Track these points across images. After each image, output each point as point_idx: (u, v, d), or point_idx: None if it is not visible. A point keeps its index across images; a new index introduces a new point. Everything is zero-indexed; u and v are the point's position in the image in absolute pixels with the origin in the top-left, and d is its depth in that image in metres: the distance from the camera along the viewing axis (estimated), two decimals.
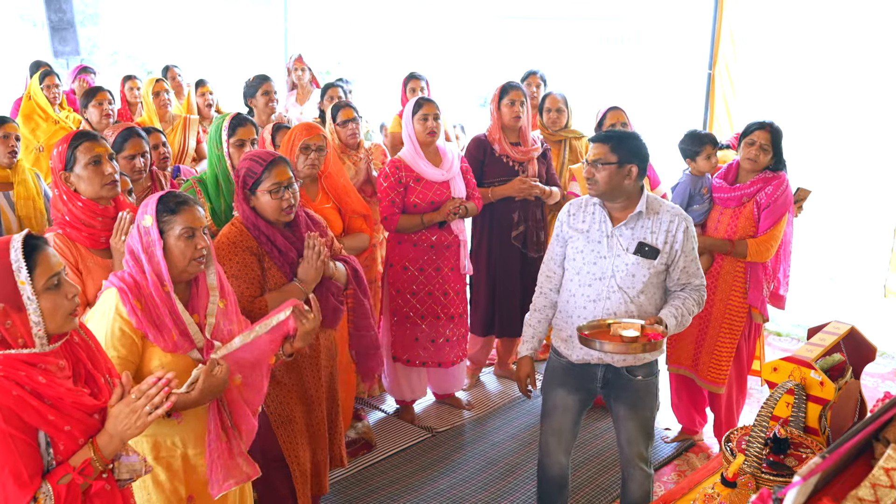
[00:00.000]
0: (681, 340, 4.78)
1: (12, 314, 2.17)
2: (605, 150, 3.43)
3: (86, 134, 3.40)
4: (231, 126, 4.14)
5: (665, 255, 3.47)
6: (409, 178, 4.86)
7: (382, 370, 5.21)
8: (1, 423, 2.11)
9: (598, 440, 5.05)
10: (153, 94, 6.48)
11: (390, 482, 4.62)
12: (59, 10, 11.61)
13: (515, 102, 5.25)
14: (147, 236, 2.78)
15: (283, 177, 3.44)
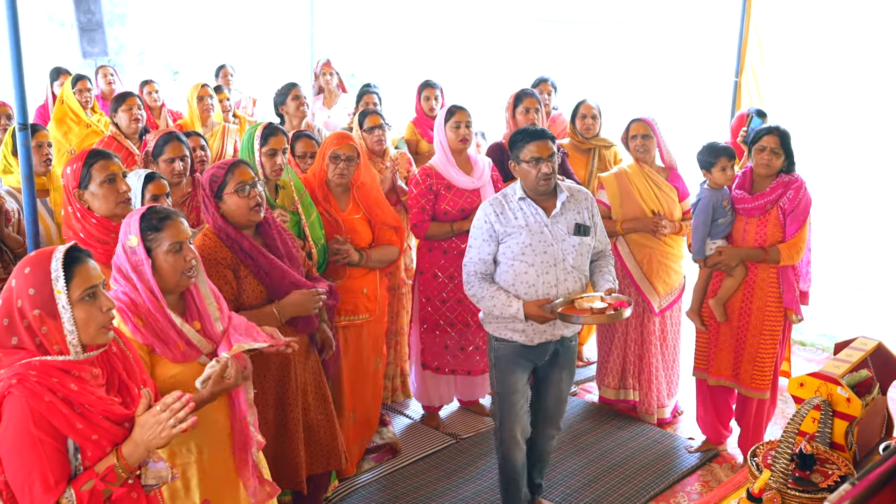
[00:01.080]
0: (719, 352, 4.80)
1: (48, 321, 2.26)
2: (551, 143, 3.86)
3: (100, 153, 3.44)
4: (263, 136, 4.18)
5: (592, 229, 3.95)
6: (440, 186, 4.89)
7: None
8: (32, 427, 2.19)
9: (622, 449, 5.06)
10: (197, 98, 6.54)
11: (415, 488, 4.65)
12: (88, 11, 11.72)
13: (530, 110, 5.30)
14: (134, 256, 2.81)
15: (245, 176, 3.49)
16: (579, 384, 5.95)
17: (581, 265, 3.91)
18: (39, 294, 2.26)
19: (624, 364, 5.31)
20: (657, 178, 5.07)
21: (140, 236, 2.80)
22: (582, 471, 4.82)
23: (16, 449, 2.21)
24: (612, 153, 5.80)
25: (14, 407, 2.20)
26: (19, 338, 2.27)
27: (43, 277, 2.27)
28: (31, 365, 2.24)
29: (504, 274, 3.90)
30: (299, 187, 4.35)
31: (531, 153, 3.83)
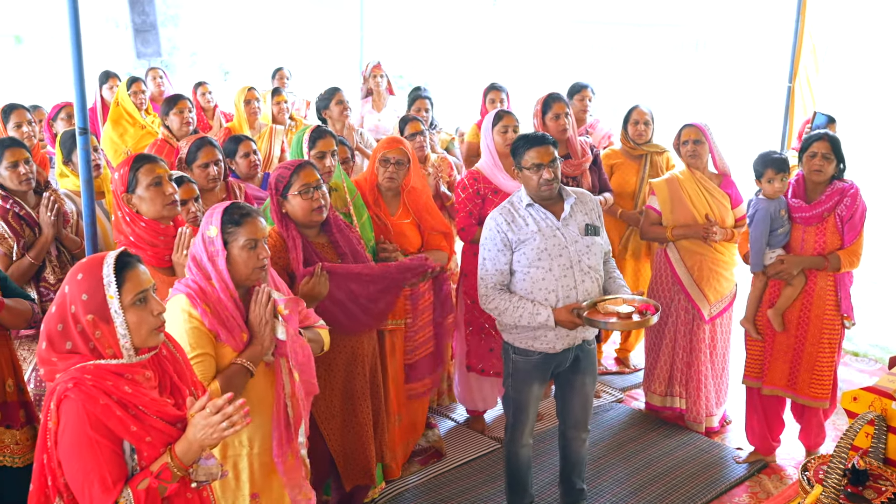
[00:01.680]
0: (774, 361, 4.76)
1: (101, 325, 2.31)
2: (551, 149, 3.86)
3: (146, 157, 3.54)
4: (311, 139, 4.24)
5: (601, 228, 3.99)
6: (487, 190, 4.89)
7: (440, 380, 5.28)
8: (89, 430, 2.24)
9: (668, 457, 5.02)
10: (244, 102, 6.62)
11: (460, 492, 4.66)
12: (143, 12, 11.90)
13: (560, 116, 5.23)
14: (212, 246, 2.94)
15: (310, 178, 3.62)
16: (625, 391, 5.92)
17: (596, 265, 3.94)
18: (92, 299, 2.31)
19: (671, 371, 5.27)
20: (709, 184, 5.02)
21: (220, 228, 2.94)
22: (627, 479, 4.79)
23: (74, 451, 2.26)
24: (664, 159, 5.77)
25: (71, 410, 2.26)
26: (73, 342, 2.33)
27: (95, 283, 2.32)
28: (86, 369, 2.29)
29: (521, 282, 3.90)
30: (352, 189, 4.39)
31: (532, 160, 3.85)
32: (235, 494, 3.06)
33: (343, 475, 3.91)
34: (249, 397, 2.92)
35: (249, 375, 2.95)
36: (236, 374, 2.91)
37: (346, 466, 3.91)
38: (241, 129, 6.53)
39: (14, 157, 4.01)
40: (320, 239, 3.78)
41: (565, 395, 4.17)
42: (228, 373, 2.90)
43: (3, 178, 4.03)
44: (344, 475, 3.91)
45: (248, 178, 4.93)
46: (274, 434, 3.02)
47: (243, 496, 3.06)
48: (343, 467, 3.90)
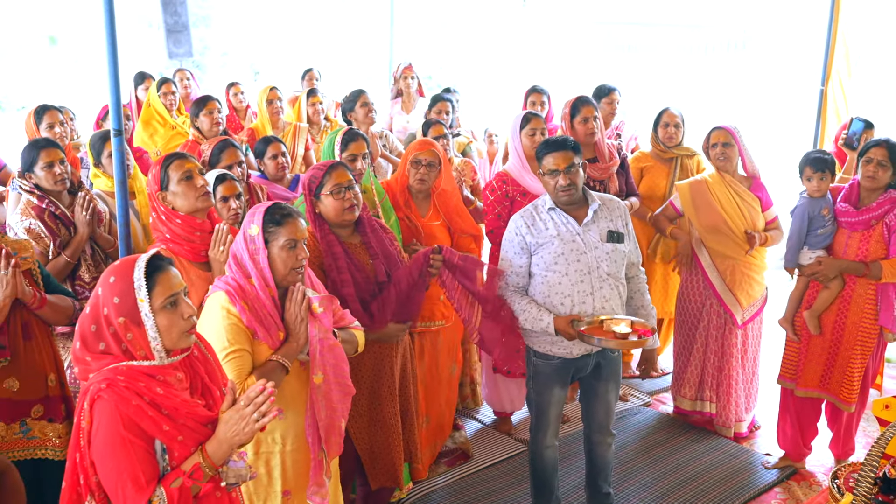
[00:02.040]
0: (808, 363, 4.74)
1: (132, 328, 2.35)
2: (571, 154, 3.84)
3: (175, 154, 3.61)
4: (343, 141, 4.27)
5: (626, 237, 3.93)
6: (516, 192, 4.89)
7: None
8: (122, 430, 2.28)
9: (696, 462, 4.99)
10: (266, 102, 6.66)
11: (486, 494, 4.67)
12: (175, 12, 12.01)
13: (589, 119, 5.20)
14: (252, 244, 3.00)
15: (342, 178, 3.66)
16: (654, 395, 5.89)
17: (616, 272, 3.90)
18: (123, 303, 2.35)
19: (702, 375, 5.23)
20: (739, 187, 4.99)
21: (261, 227, 3.00)
22: (654, 483, 4.77)
23: (108, 451, 2.29)
24: (694, 162, 5.73)
25: (104, 411, 2.29)
26: (106, 343, 2.37)
27: (126, 286, 2.36)
28: (118, 370, 2.33)
29: (538, 286, 3.91)
30: (380, 192, 4.42)
31: (549, 165, 3.86)
32: (268, 491, 3.11)
33: (370, 475, 3.93)
34: (283, 395, 3.01)
35: (285, 372, 3.00)
36: (272, 370, 2.96)
37: (373, 466, 3.93)
38: (263, 129, 6.58)
39: (49, 157, 4.07)
40: (353, 239, 3.81)
41: (589, 401, 4.17)
42: (265, 369, 2.95)
43: (38, 179, 4.09)
44: (371, 475, 3.93)
45: (276, 179, 4.97)
46: (308, 431, 3.06)
47: (275, 493, 3.11)
48: (370, 467, 3.93)
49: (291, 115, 6.84)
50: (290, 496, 3.14)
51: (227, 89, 7.82)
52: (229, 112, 7.67)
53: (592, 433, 4.20)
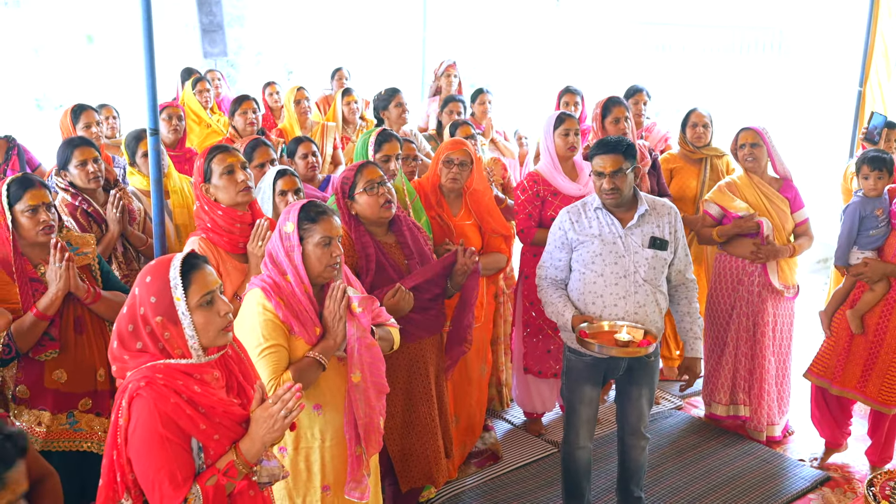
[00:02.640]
0: (848, 363, 4.70)
1: (170, 327, 2.38)
2: (620, 158, 3.78)
3: (220, 147, 3.67)
4: (377, 142, 4.28)
5: (671, 244, 3.87)
6: (547, 192, 4.88)
7: None
8: (160, 428, 2.30)
9: (728, 467, 4.94)
10: (294, 102, 6.70)
11: (516, 495, 4.65)
12: (210, 12, 12.10)
13: (620, 120, 5.19)
14: (288, 241, 3.04)
15: (374, 175, 3.69)
16: (685, 398, 5.84)
17: (654, 279, 3.87)
18: (160, 302, 2.38)
19: (734, 379, 5.19)
20: (768, 189, 4.94)
21: (297, 224, 3.03)
22: (686, 488, 4.74)
23: (146, 448, 2.31)
24: (724, 163, 5.69)
25: (143, 409, 2.31)
26: (143, 343, 2.40)
27: (163, 285, 2.39)
28: (157, 368, 2.36)
29: (576, 282, 3.94)
30: (411, 192, 4.43)
31: (596, 166, 3.85)
32: (307, 486, 3.15)
33: (400, 476, 3.93)
34: (321, 391, 3.07)
35: (322, 369, 3.03)
36: (309, 366, 2.99)
37: (404, 467, 3.94)
38: (292, 129, 6.61)
39: (83, 155, 4.14)
40: (388, 238, 3.83)
41: (622, 404, 4.16)
42: (301, 365, 2.98)
43: (72, 176, 4.16)
44: (401, 476, 3.93)
45: (306, 179, 4.98)
46: (346, 428, 3.10)
47: (315, 488, 3.15)
48: (400, 468, 3.93)
49: (319, 114, 6.86)
50: (330, 491, 3.18)
51: (263, 89, 7.87)
52: (265, 111, 7.72)
53: (626, 436, 4.18)
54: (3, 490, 1.87)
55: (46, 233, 3.40)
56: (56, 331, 3.42)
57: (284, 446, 3.11)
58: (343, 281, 3.15)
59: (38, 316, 3.32)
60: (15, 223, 3.38)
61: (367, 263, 3.66)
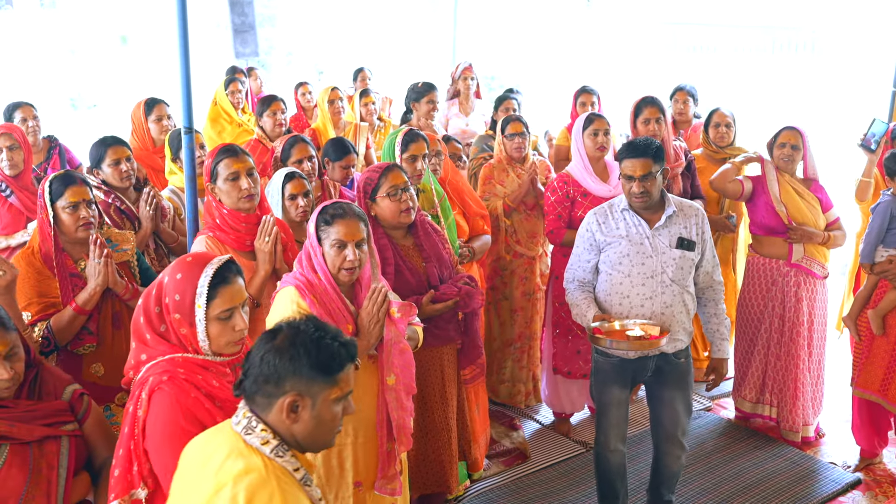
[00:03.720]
0: (870, 365, 4.66)
1: (185, 325, 2.47)
2: (650, 162, 3.77)
3: (227, 150, 3.68)
4: (404, 142, 4.30)
5: (698, 245, 3.87)
6: (577, 193, 4.88)
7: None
8: (182, 421, 2.37)
9: (758, 469, 4.91)
10: (328, 101, 6.74)
11: (544, 495, 4.66)
12: (242, 13, 12.22)
13: (650, 121, 5.16)
14: (311, 240, 3.10)
15: (398, 180, 3.70)
16: (714, 399, 5.82)
17: (681, 280, 3.86)
18: (182, 302, 2.47)
19: (764, 379, 5.15)
20: (799, 186, 4.93)
21: (315, 225, 3.09)
22: (714, 489, 4.71)
23: (166, 440, 2.37)
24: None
25: (163, 402, 2.38)
26: (167, 327, 2.51)
27: (189, 288, 2.48)
28: (176, 362, 2.44)
29: (603, 283, 3.94)
30: (439, 192, 4.45)
31: (625, 169, 3.84)
32: (339, 483, 3.19)
33: (413, 481, 3.92)
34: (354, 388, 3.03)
35: (355, 368, 3.03)
36: None
37: (418, 473, 3.95)
38: (325, 129, 6.65)
39: (116, 154, 4.23)
40: (406, 241, 3.85)
41: (654, 407, 4.13)
42: None
43: (105, 175, 4.24)
44: (414, 481, 3.93)
45: (338, 180, 5.02)
46: (379, 426, 3.16)
47: (347, 484, 3.19)
48: (414, 473, 3.93)
49: (353, 114, 6.91)
50: (362, 488, 3.22)
51: (295, 89, 7.94)
52: (297, 111, 7.78)
53: (661, 442, 4.13)
54: (333, 387, 2.08)
55: (86, 229, 3.47)
56: (94, 325, 3.48)
57: None
58: (385, 284, 3.20)
59: (77, 310, 3.38)
60: (56, 219, 3.45)
61: (385, 266, 3.66)
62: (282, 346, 2.03)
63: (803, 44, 15.43)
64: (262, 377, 2.04)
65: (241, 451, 2.02)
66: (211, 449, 2.08)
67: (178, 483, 2.16)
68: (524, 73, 13.66)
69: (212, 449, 2.08)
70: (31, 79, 10.55)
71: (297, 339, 2.04)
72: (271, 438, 2.05)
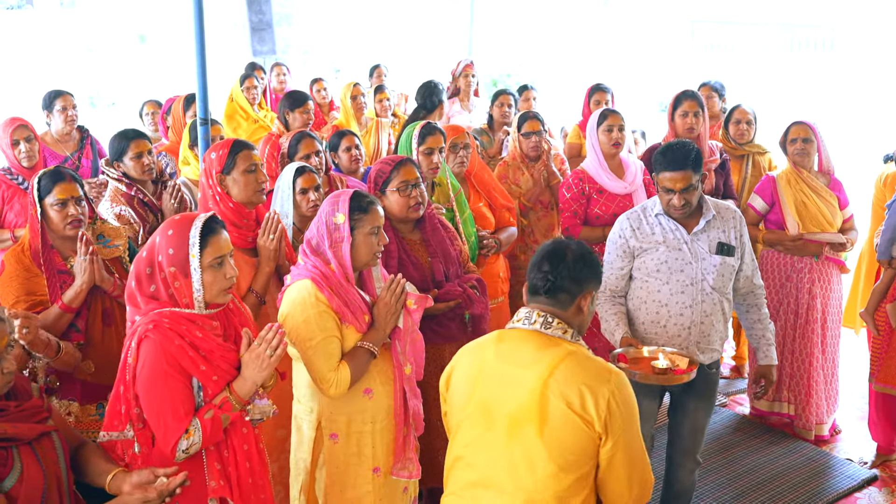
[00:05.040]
0: (890, 359, 4.64)
1: (180, 278, 2.64)
2: (690, 174, 3.61)
3: (244, 143, 3.66)
4: (421, 135, 4.31)
5: (738, 250, 3.73)
6: (592, 190, 4.87)
7: None
8: (165, 366, 2.58)
9: (773, 465, 4.89)
10: (350, 97, 6.77)
11: None
12: (259, 11, 12.29)
13: (688, 114, 5.11)
14: (337, 232, 3.09)
15: (410, 175, 3.70)
16: (730, 395, 5.80)
17: (722, 287, 3.70)
18: (176, 255, 2.63)
19: (780, 376, 5.14)
20: (816, 183, 4.91)
21: (348, 215, 3.09)
22: (729, 484, 4.71)
23: (152, 384, 2.57)
24: (766, 159, 5.64)
25: (150, 349, 2.56)
26: (157, 287, 2.65)
27: (181, 241, 2.63)
28: (163, 314, 2.60)
29: (637, 290, 3.78)
30: (455, 186, 4.45)
31: (664, 182, 3.65)
32: (358, 469, 3.23)
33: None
34: (371, 376, 3.18)
35: (372, 357, 3.14)
36: (362, 356, 3.11)
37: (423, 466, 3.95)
38: (348, 125, 6.67)
39: (138, 148, 4.24)
40: (413, 236, 3.85)
41: (676, 416, 3.96)
42: (354, 355, 3.10)
43: (126, 168, 4.26)
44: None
45: (349, 171, 5.03)
46: (396, 413, 3.22)
47: (366, 470, 3.24)
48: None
49: (374, 111, 6.93)
50: (380, 472, 3.26)
51: (310, 85, 7.97)
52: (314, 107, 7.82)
53: (675, 452, 3.99)
54: (596, 289, 2.63)
55: (74, 226, 3.43)
56: (83, 323, 3.44)
57: (336, 432, 3.19)
58: (402, 276, 3.23)
59: (63, 308, 3.35)
60: (44, 216, 3.42)
61: (388, 259, 3.66)
62: (582, 258, 2.54)
63: (822, 41, 15.36)
64: (574, 279, 2.52)
65: (549, 341, 2.49)
66: (506, 352, 2.55)
67: (477, 399, 2.54)
68: (540, 71, 13.66)
69: (509, 351, 2.54)
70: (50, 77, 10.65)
71: (588, 256, 2.56)
72: (567, 328, 2.52)
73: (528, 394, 2.43)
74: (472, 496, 2.54)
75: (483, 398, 2.52)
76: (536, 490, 2.42)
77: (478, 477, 2.53)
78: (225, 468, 2.72)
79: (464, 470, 2.58)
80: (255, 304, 3.51)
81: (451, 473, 2.64)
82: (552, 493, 2.41)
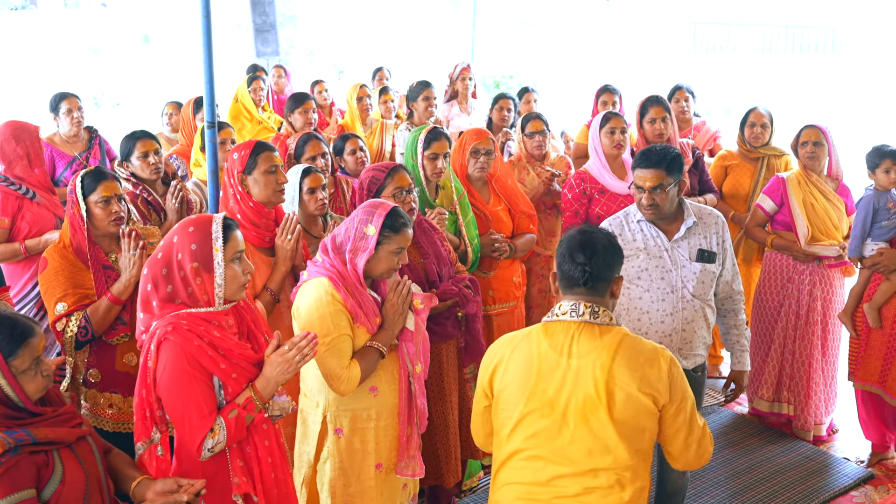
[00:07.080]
0: (868, 357, 4.70)
1: (203, 274, 2.69)
2: (662, 174, 3.63)
3: (266, 144, 3.76)
4: (426, 140, 4.35)
5: (719, 256, 3.74)
6: (594, 191, 4.92)
7: None
8: (187, 366, 2.62)
9: (770, 464, 4.95)
10: (356, 99, 6.82)
11: None
12: (263, 12, 12.33)
13: (656, 120, 5.15)
14: (363, 241, 3.15)
15: (403, 182, 3.77)
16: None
17: (703, 294, 3.73)
18: (200, 250, 2.69)
19: (780, 376, 5.19)
20: (825, 187, 4.95)
21: (379, 230, 3.15)
22: (727, 482, 4.76)
23: (175, 385, 2.61)
24: (782, 162, 5.64)
25: (171, 350, 2.61)
26: (174, 287, 2.69)
27: (204, 236, 2.69)
28: (180, 316, 2.65)
29: (619, 297, 3.81)
30: (459, 189, 4.50)
31: (637, 180, 3.70)
32: (361, 465, 3.30)
33: None
34: (377, 374, 3.25)
35: (381, 357, 3.21)
36: (371, 355, 3.18)
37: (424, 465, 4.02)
38: (353, 126, 6.73)
39: (145, 147, 4.34)
40: None
41: None
42: (364, 354, 3.18)
43: (134, 167, 4.35)
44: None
45: (355, 174, 5.09)
46: (401, 411, 3.29)
47: (369, 466, 3.30)
48: None
49: (380, 112, 6.98)
50: (382, 469, 3.32)
51: (311, 87, 8.02)
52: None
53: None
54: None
55: (117, 223, 3.59)
56: (128, 315, 3.56)
57: (340, 427, 3.26)
58: (409, 277, 3.32)
59: (113, 300, 3.47)
60: (88, 213, 3.55)
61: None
62: (612, 245, 2.68)
63: (824, 43, 15.39)
64: (608, 266, 2.64)
65: (600, 329, 2.61)
66: (561, 344, 2.61)
67: (539, 393, 2.59)
68: (542, 73, 13.70)
69: (564, 343, 2.60)
70: (54, 77, 10.71)
71: (614, 242, 2.71)
72: (612, 315, 2.64)
73: (595, 382, 2.54)
74: (549, 489, 2.59)
75: (545, 391, 2.59)
76: (616, 469, 2.56)
77: (552, 467, 2.59)
78: (248, 464, 2.79)
79: (530, 462, 2.63)
80: (269, 301, 3.63)
81: (508, 467, 2.68)
82: (627, 467, 2.57)
